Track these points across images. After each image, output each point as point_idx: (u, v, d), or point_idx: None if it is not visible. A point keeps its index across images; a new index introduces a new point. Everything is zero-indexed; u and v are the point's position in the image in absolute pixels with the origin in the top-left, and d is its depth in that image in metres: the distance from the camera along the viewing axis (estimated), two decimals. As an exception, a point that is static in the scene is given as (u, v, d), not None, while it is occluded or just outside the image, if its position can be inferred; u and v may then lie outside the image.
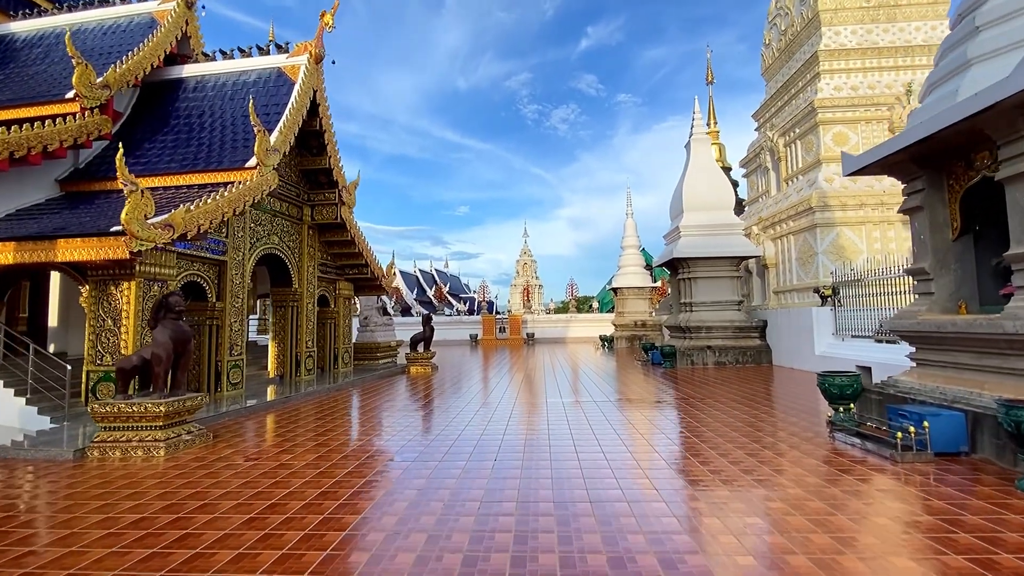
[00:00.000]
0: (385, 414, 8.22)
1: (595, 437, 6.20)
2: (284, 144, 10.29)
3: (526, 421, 7.31)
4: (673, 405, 8.37)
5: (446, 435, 6.55)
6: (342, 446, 5.92)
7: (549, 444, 5.92)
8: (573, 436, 6.29)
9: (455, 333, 33.87)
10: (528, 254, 54.06)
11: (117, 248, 6.83)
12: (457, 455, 5.56)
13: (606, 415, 7.61)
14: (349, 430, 6.90)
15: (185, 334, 5.93)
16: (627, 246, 27.45)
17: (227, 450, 5.75)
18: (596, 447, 5.73)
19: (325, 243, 13.51)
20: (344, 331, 14.42)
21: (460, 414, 8.00)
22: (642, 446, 5.76)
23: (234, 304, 9.95)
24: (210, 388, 9.50)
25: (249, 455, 5.53)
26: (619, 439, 6.10)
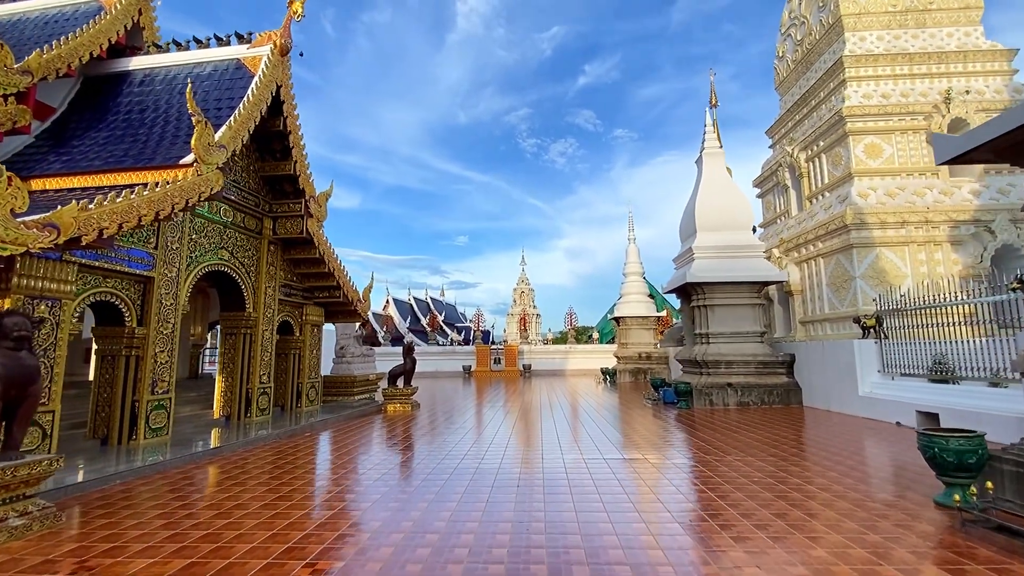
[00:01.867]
0: (320, 484, 6.33)
1: (611, 524, 4.34)
2: (234, 141, 8.72)
3: (516, 493, 5.43)
4: (704, 464, 6.50)
5: (410, 508, 4.68)
6: (237, 538, 4.05)
7: (546, 534, 4.05)
8: (580, 521, 4.42)
9: (448, 364, 31.87)
10: (525, 282, 52.56)
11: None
12: (418, 547, 3.69)
13: (622, 482, 5.74)
14: (258, 510, 5.02)
15: (24, 370, 4.14)
16: (630, 273, 25.83)
17: (71, 543, 3.89)
18: (616, 547, 3.86)
19: (290, 261, 11.81)
20: (311, 363, 12.57)
21: (435, 475, 6.12)
22: (677, 540, 3.90)
23: (161, 331, 8.15)
24: (121, 436, 7.61)
25: (97, 556, 3.67)
26: (646, 529, 4.23)
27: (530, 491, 5.36)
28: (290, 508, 4.90)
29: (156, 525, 4.30)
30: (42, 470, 4.23)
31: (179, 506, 4.87)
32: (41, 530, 4.15)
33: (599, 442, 8.13)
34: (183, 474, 6.25)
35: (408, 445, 8.26)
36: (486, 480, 5.83)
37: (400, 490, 5.65)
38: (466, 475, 6.09)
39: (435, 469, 6.45)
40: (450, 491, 5.41)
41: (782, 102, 17.28)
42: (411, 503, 5.08)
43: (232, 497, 5.43)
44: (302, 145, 10.94)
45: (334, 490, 5.70)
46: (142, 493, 5.39)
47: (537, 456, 7.14)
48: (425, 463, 6.82)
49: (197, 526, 4.28)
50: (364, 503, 5.11)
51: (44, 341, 6.33)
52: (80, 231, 6.01)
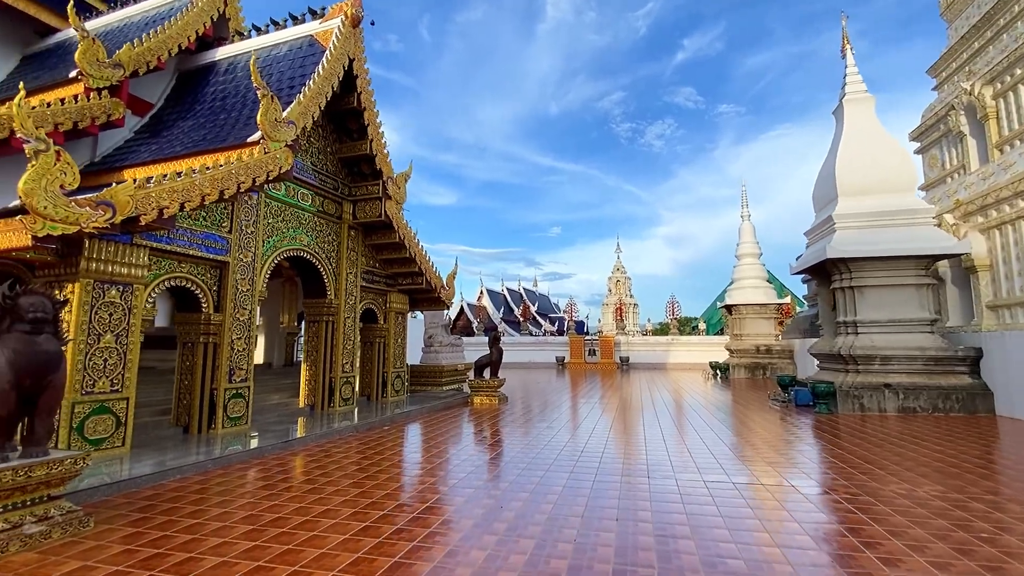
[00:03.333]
0: (407, 478, 5.44)
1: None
2: (304, 117, 8.24)
3: (616, 535, 4.10)
4: (869, 492, 4.64)
5: (498, 512, 3.59)
6: (312, 540, 3.21)
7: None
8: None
9: (540, 355, 30.93)
10: (621, 270, 50.00)
11: (18, 232, 4.88)
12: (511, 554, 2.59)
13: (764, 522, 4.15)
14: (327, 512, 4.20)
15: (42, 357, 3.65)
16: (744, 255, 22.80)
17: (80, 559, 3.30)
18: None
19: (372, 247, 11.38)
20: (396, 352, 12.12)
21: (519, 487, 4.98)
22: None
23: (238, 317, 7.91)
24: (201, 424, 7.45)
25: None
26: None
27: (634, 534, 3.98)
28: (377, 502, 4.64)
29: (208, 529, 3.64)
30: (64, 470, 3.73)
31: (244, 504, 4.24)
32: (63, 538, 3.65)
33: (721, 457, 6.47)
34: (256, 466, 5.75)
35: (494, 443, 7.23)
36: (576, 501, 4.56)
37: (487, 493, 4.93)
38: (551, 491, 4.86)
39: (517, 481, 5.29)
40: (535, 509, 4.21)
41: (951, 29, 13.64)
42: (498, 508, 4.24)
43: (312, 491, 4.91)
44: (378, 123, 10.36)
45: (421, 485, 5.20)
46: (211, 488, 4.88)
47: (642, 475, 5.70)
48: (512, 468, 5.71)
49: (268, 525, 3.56)
50: (451, 502, 4.68)
51: (116, 327, 6.17)
52: (138, 210, 5.68)
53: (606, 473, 5.64)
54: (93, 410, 5.86)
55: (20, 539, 3.43)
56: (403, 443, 7.50)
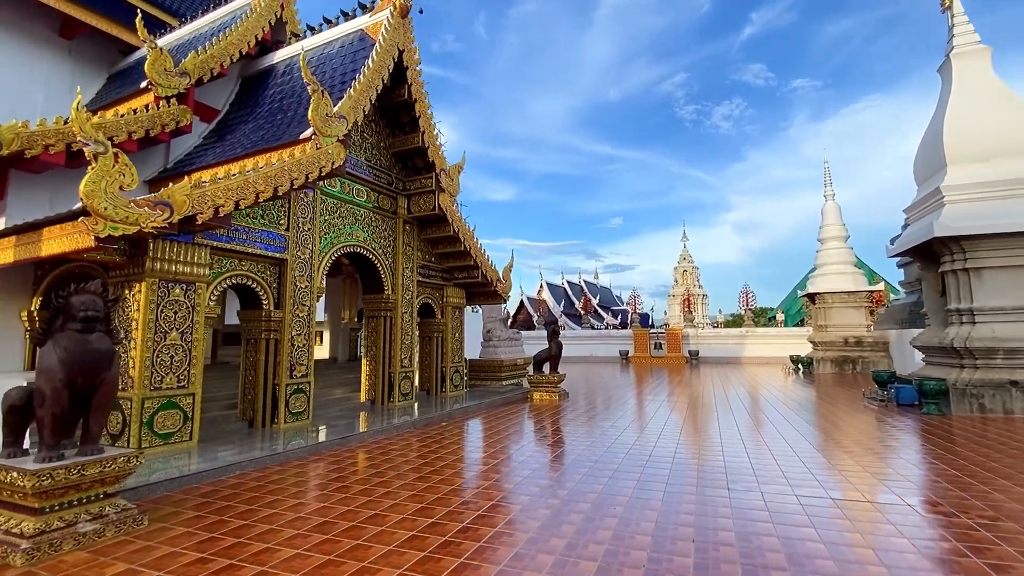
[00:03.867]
0: (469, 476, 5.15)
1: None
2: (355, 111, 8.16)
3: (694, 562, 3.56)
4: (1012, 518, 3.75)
5: (565, 515, 3.21)
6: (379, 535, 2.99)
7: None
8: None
9: (603, 349, 30.08)
10: (688, 260, 47.80)
11: (83, 234, 5.03)
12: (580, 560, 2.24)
13: (880, 553, 3.44)
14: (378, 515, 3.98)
15: (93, 356, 3.65)
16: (829, 238, 20.78)
17: (127, 560, 3.26)
18: None
19: (427, 241, 11.27)
20: (454, 346, 11.99)
21: (583, 492, 4.53)
22: None
23: (297, 314, 7.99)
24: (265, 419, 7.59)
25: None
26: None
27: (717, 561, 3.42)
28: (442, 497, 4.64)
29: (254, 532, 3.53)
30: (117, 468, 3.73)
31: (293, 505, 4.13)
32: (116, 536, 3.65)
33: (813, 465, 5.66)
34: (314, 462, 5.70)
35: (555, 442, 6.81)
36: (644, 515, 4.03)
37: (551, 492, 4.75)
38: (616, 501, 4.36)
39: (578, 489, 4.84)
40: (598, 524, 3.75)
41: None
42: (562, 514, 3.87)
43: (375, 487, 4.84)
44: (429, 114, 10.17)
45: (484, 483, 5.07)
46: (266, 485, 4.84)
47: (719, 485, 5.06)
48: (574, 472, 5.26)
49: (316, 528, 3.40)
50: (516, 501, 4.52)
51: (181, 324, 6.34)
52: (194, 209, 5.75)
53: (678, 481, 5.05)
54: (161, 405, 6.04)
55: (74, 537, 3.44)
56: (463, 439, 7.25)
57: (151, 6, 13.60)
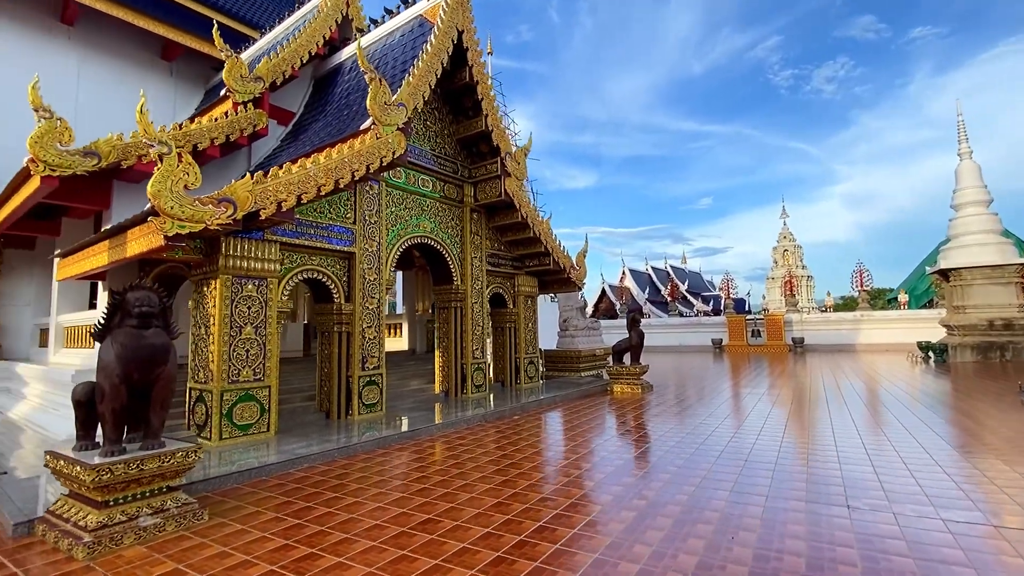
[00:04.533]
0: (547, 472, 4.74)
1: None
2: (414, 98, 7.96)
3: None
4: None
5: (649, 521, 2.76)
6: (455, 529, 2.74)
7: None
8: None
9: (693, 337, 28.25)
10: (789, 239, 43.71)
11: (155, 235, 5.22)
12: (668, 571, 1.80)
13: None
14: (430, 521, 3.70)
15: (148, 351, 3.67)
16: (966, 203, 17.63)
17: (204, 550, 3.21)
18: None
19: (495, 229, 10.93)
20: (527, 337, 11.60)
21: (668, 492, 3.93)
22: None
23: (367, 306, 8.00)
24: (340, 411, 7.69)
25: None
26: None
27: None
28: (519, 493, 4.47)
29: (304, 533, 3.39)
30: (176, 463, 3.74)
31: (349, 505, 3.98)
32: (176, 531, 3.66)
33: (960, 478, 4.52)
34: (381, 456, 5.60)
35: (636, 440, 6.17)
36: (742, 537, 3.34)
37: (631, 496, 4.35)
38: (705, 517, 3.69)
39: (658, 500, 4.21)
40: (681, 546, 3.15)
41: None
42: (642, 525, 3.44)
43: (432, 488, 4.60)
44: (492, 96, 9.78)
45: (562, 481, 4.77)
46: (328, 480, 4.78)
47: (837, 502, 4.17)
48: (656, 476, 4.64)
49: (396, 517, 3.21)
50: (596, 501, 4.21)
51: (255, 319, 6.51)
52: (257, 204, 5.81)
53: (782, 494, 4.22)
54: (239, 398, 6.25)
55: (135, 531, 3.47)
56: (537, 433, 6.83)
57: (235, 21, 14.51)
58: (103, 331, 3.66)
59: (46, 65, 11.92)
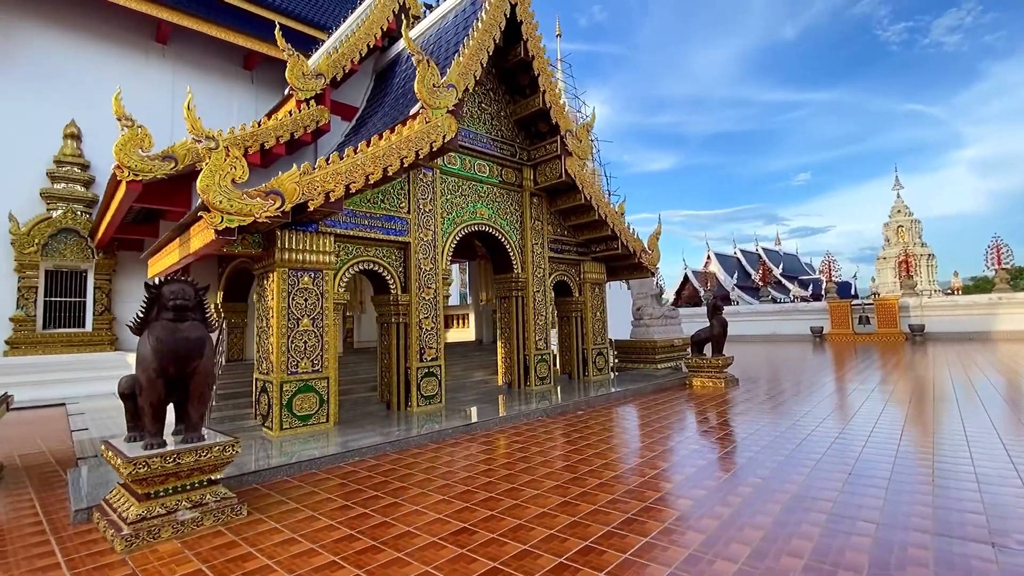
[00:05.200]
0: (617, 473, 4.27)
1: None
2: (465, 78, 7.62)
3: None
4: None
5: (732, 535, 2.31)
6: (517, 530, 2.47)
7: None
8: None
9: (788, 326, 25.79)
10: (904, 212, 38.68)
11: (209, 229, 5.31)
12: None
13: None
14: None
15: (183, 344, 3.64)
16: None
17: (231, 550, 3.13)
18: None
19: (557, 213, 10.38)
20: (595, 326, 10.96)
21: (745, 515, 3.31)
22: None
23: (423, 296, 7.85)
24: (400, 402, 7.63)
25: None
26: None
27: None
28: (588, 492, 4.20)
29: (332, 538, 3.22)
30: (213, 457, 3.70)
31: (385, 506, 3.78)
32: (214, 526, 3.62)
33: None
34: (433, 450, 5.40)
35: (716, 442, 5.45)
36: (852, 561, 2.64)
37: (718, 500, 3.90)
38: (797, 539, 3.00)
39: (733, 521, 3.55)
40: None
41: None
42: (722, 542, 2.66)
43: (500, 481, 4.33)
44: (550, 72, 9.18)
45: (634, 481, 4.40)
46: (375, 476, 4.64)
47: (979, 537, 3.27)
48: (737, 485, 3.97)
49: (442, 519, 2.99)
50: (671, 507, 3.83)
51: (312, 311, 6.55)
52: (305, 196, 5.77)
53: (899, 522, 3.38)
54: (298, 389, 6.32)
55: (172, 525, 3.46)
56: (605, 430, 6.30)
57: (305, 25, 15.07)
58: (141, 325, 3.68)
59: (143, 81, 13.10)
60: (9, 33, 11.70)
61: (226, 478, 4.50)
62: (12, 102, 11.56)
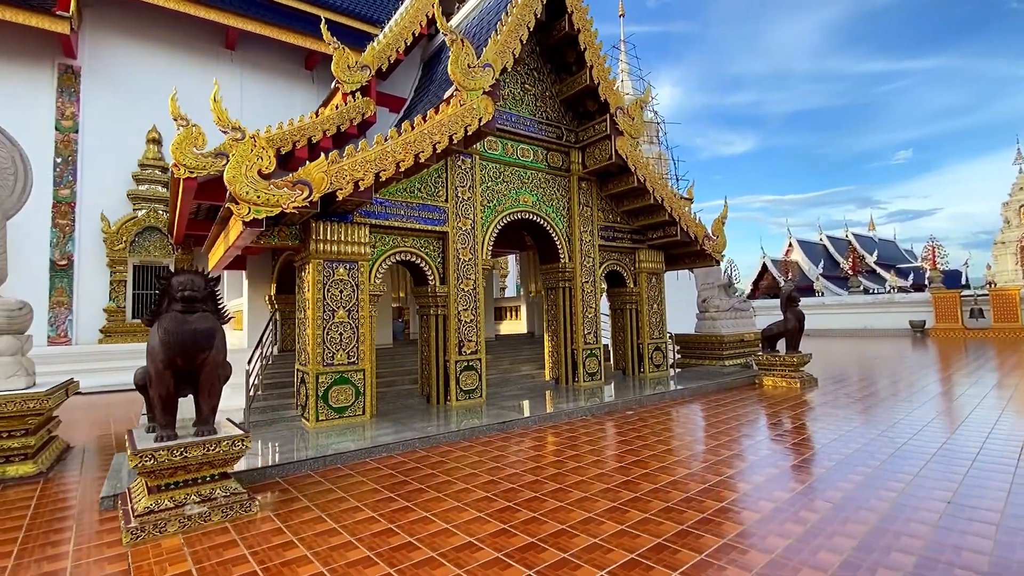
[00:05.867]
0: (673, 482, 3.80)
1: None
2: (503, 56, 7.21)
3: None
4: None
5: None
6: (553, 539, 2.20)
7: None
8: None
9: (883, 318, 23.20)
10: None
11: (236, 221, 5.32)
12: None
13: None
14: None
15: (191, 336, 3.57)
16: None
17: (229, 550, 3.02)
18: None
19: (610, 198, 9.73)
20: (651, 319, 10.21)
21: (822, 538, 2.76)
22: None
23: (462, 288, 7.59)
24: (439, 396, 7.45)
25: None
26: None
27: None
28: (641, 499, 3.91)
29: (333, 543, 3.03)
30: (221, 451, 3.63)
31: (399, 509, 3.56)
32: (221, 522, 3.54)
33: None
34: (462, 449, 5.14)
35: (786, 450, 4.74)
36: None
37: (793, 515, 3.22)
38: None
39: (814, 530, 2.95)
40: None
41: None
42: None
43: (537, 484, 3.91)
44: (597, 45, 8.54)
45: (691, 489, 4.01)
46: (394, 475, 4.45)
47: None
48: (812, 504, 3.35)
49: (471, 522, 2.77)
50: (733, 520, 3.45)
51: (347, 302, 6.49)
52: (333, 185, 5.66)
53: (1018, 570, 2.61)
54: (334, 381, 6.29)
55: (179, 520, 3.40)
56: (658, 431, 5.74)
57: (361, 22, 15.29)
58: (152, 316, 3.66)
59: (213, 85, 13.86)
60: (100, 49, 12.80)
61: (248, 470, 4.48)
62: (104, 111, 12.66)
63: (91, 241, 12.33)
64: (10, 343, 4.97)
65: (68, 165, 12.20)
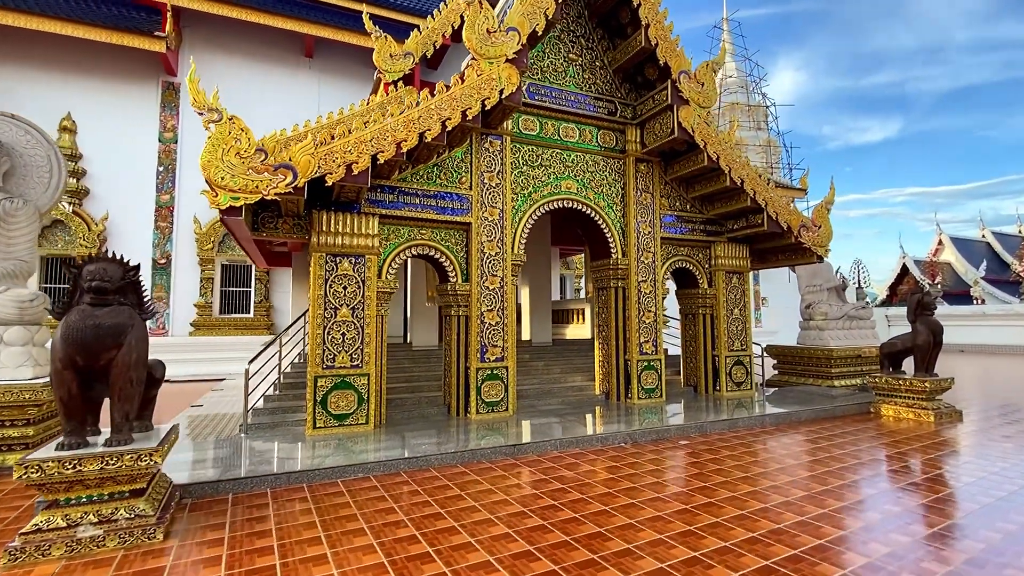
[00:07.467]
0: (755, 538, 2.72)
1: None
2: (532, 18, 6.26)
3: None
4: None
5: None
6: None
7: None
8: None
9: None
10: None
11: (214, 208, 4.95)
12: None
13: None
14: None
15: (91, 332, 3.12)
16: None
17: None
18: None
19: (676, 182, 8.24)
20: (731, 327, 8.49)
21: None
22: None
23: (487, 286, 6.72)
24: (459, 407, 6.65)
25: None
26: None
27: None
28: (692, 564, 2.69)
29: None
30: (125, 466, 3.13)
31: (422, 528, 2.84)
32: (117, 548, 3.04)
33: None
34: (460, 477, 4.30)
35: (915, 510, 3.26)
36: None
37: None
38: None
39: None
40: None
41: None
42: None
43: (491, 542, 3.02)
44: (655, 1, 7.18)
45: (772, 555, 2.90)
46: (365, 500, 3.75)
47: None
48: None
49: None
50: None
51: (352, 300, 5.95)
52: (322, 169, 5.12)
53: None
54: (335, 385, 5.77)
55: (67, 543, 2.95)
56: (731, 470, 4.41)
57: (415, 17, 15.10)
58: (63, 309, 3.28)
59: (294, 93, 14.51)
60: (196, 65, 13.95)
61: (199, 483, 4.02)
62: (199, 123, 13.76)
63: (186, 242, 13.45)
64: (20, 333, 5.08)
65: (168, 173, 13.41)
